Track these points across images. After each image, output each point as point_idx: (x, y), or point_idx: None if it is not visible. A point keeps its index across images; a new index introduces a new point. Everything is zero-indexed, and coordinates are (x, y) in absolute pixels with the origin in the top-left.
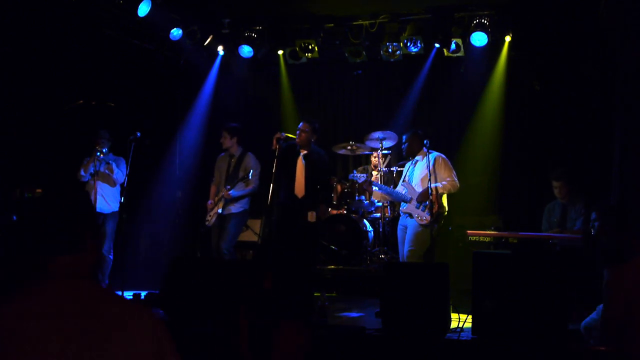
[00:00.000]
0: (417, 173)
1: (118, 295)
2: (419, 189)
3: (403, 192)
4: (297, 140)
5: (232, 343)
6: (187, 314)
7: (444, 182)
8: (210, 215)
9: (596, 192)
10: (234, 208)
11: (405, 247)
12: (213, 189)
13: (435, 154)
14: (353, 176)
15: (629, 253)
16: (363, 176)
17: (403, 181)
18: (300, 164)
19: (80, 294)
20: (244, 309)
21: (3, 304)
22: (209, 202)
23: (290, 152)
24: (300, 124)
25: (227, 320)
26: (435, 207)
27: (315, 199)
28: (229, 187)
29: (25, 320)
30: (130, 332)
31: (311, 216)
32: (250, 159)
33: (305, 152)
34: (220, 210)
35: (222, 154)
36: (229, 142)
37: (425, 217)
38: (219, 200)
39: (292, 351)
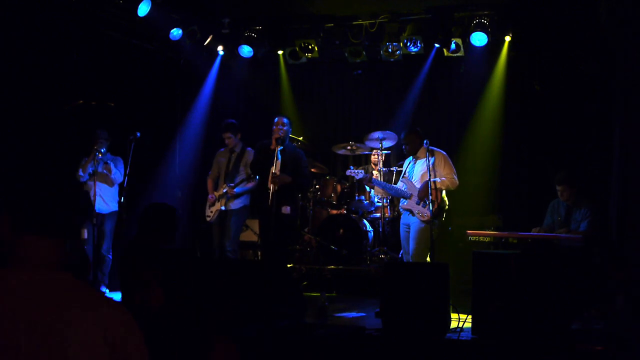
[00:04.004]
0: (418, 170)
1: (79, 285)
2: (418, 186)
3: (403, 188)
4: (276, 135)
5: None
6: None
7: (442, 178)
8: (211, 211)
9: (595, 192)
10: (234, 204)
11: (410, 246)
12: (210, 183)
13: (436, 151)
14: (350, 172)
15: None
16: (360, 172)
17: (403, 177)
18: (276, 159)
19: (37, 284)
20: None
21: None
22: (210, 196)
23: (264, 150)
24: (277, 118)
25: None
26: (437, 203)
27: (289, 193)
28: (232, 184)
29: None
30: (82, 324)
31: (284, 210)
32: (250, 155)
33: (281, 147)
34: (223, 207)
35: (222, 148)
36: (234, 141)
37: (427, 213)
38: (221, 197)
39: None
